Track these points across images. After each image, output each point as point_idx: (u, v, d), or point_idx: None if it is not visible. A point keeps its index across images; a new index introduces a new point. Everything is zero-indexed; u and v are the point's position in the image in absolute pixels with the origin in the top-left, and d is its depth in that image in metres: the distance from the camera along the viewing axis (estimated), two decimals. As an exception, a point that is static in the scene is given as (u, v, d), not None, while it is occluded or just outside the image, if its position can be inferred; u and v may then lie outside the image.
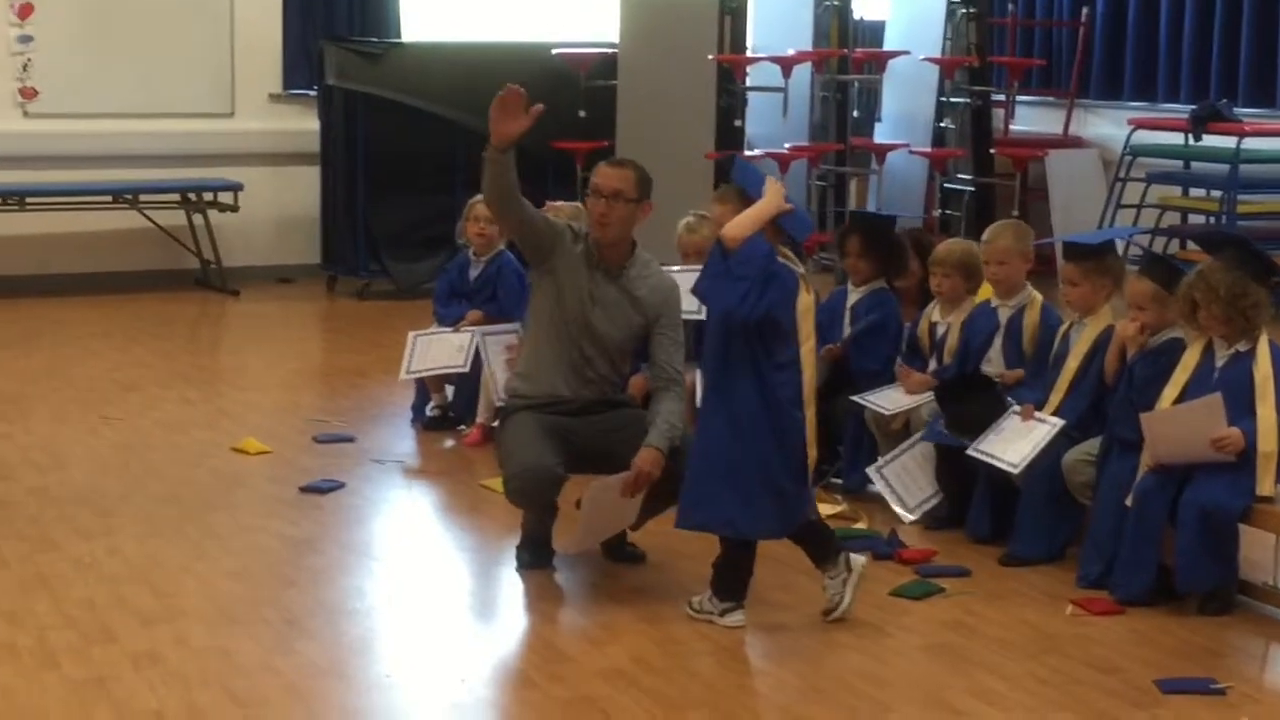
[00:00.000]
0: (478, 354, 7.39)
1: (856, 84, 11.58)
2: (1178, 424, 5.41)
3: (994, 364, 6.36)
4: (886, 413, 6.47)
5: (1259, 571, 5.51)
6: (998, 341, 6.36)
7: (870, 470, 6.48)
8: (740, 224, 5.11)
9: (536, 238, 5.69)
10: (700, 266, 6.95)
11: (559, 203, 7.46)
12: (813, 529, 5.31)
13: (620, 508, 5.51)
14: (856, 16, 11.88)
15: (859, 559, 5.28)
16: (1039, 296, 6.39)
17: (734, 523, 5.16)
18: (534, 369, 5.72)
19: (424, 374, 7.63)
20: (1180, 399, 5.48)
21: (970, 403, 6.15)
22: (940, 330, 6.60)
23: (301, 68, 11.82)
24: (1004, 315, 6.38)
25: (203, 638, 5.07)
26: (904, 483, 6.36)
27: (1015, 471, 5.85)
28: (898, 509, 6.30)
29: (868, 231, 6.93)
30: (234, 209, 11.28)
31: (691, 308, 6.71)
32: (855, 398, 6.55)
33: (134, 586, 5.51)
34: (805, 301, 5.25)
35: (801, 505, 5.24)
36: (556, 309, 5.67)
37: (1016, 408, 6.01)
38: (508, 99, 5.54)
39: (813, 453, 5.23)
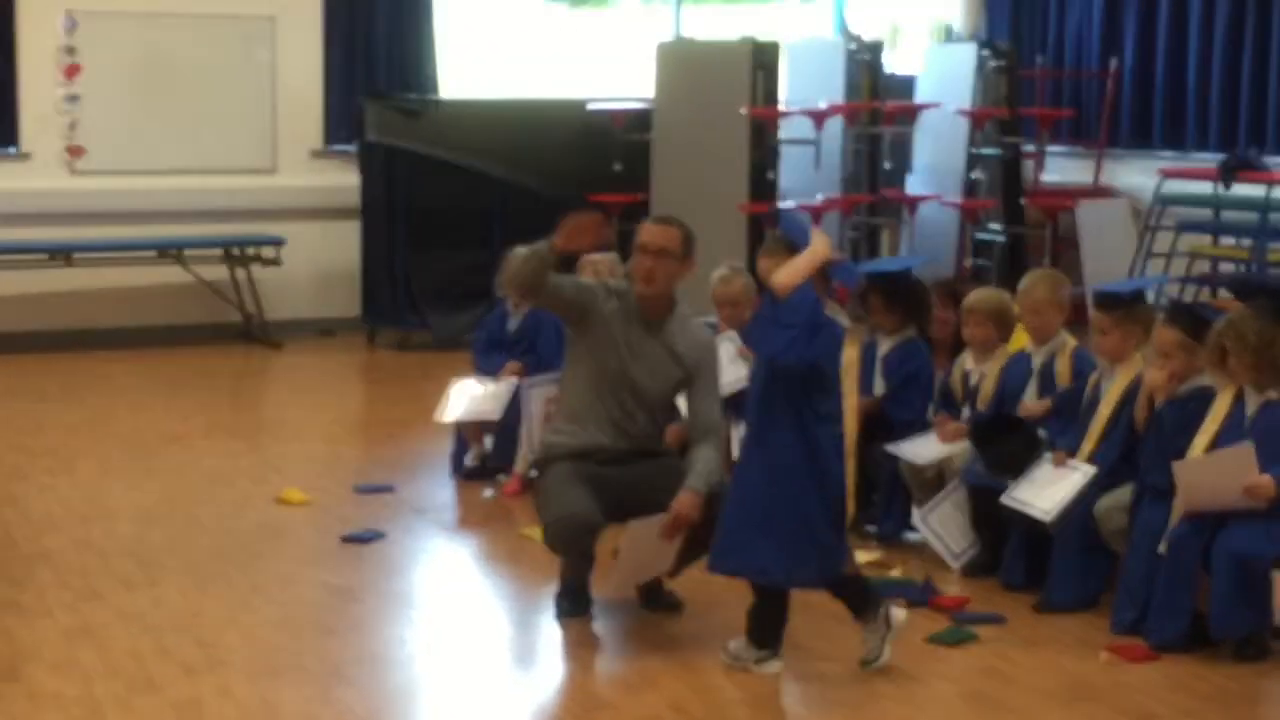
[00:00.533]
0: (515, 403, 7.48)
1: (888, 136, 11.66)
2: (1209, 472, 5.44)
3: (1026, 411, 6.40)
4: (921, 462, 6.52)
5: (1293, 618, 5.54)
6: (1031, 387, 6.41)
7: (915, 519, 6.52)
8: (790, 272, 5.12)
9: (568, 309, 5.79)
10: (733, 334, 7.08)
11: (595, 255, 7.54)
12: (853, 582, 5.32)
13: (659, 551, 5.57)
14: (888, 70, 11.96)
15: (899, 614, 5.30)
16: (1071, 341, 6.42)
17: (767, 570, 5.19)
18: (574, 422, 5.79)
19: (460, 419, 7.72)
20: (1212, 447, 5.52)
21: (1006, 443, 6.20)
22: (974, 379, 6.65)
23: (343, 124, 11.95)
24: (1037, 362, 6.42)
25: (245, 687, 5.13)
26: (948, 529, 6.39)
27: (1048, 520, 5.88)
28: (944, 556, 6.34)
29: (885, 288, 6.94)
30: (276, 263, 11.41)
31: (733, 376, 6.75)
32: (889, 447, 6.60)
33: (178, 637, 5.58)
34: (850, 356, 5.30)
35: (841, 557, 5.26)
36: (596, 365, 5.74)
37: (1049, 454, 6.06)
38: (588, 223, 5.64)
39: (851, 506, 5.26)
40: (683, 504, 5.48)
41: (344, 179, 11.75)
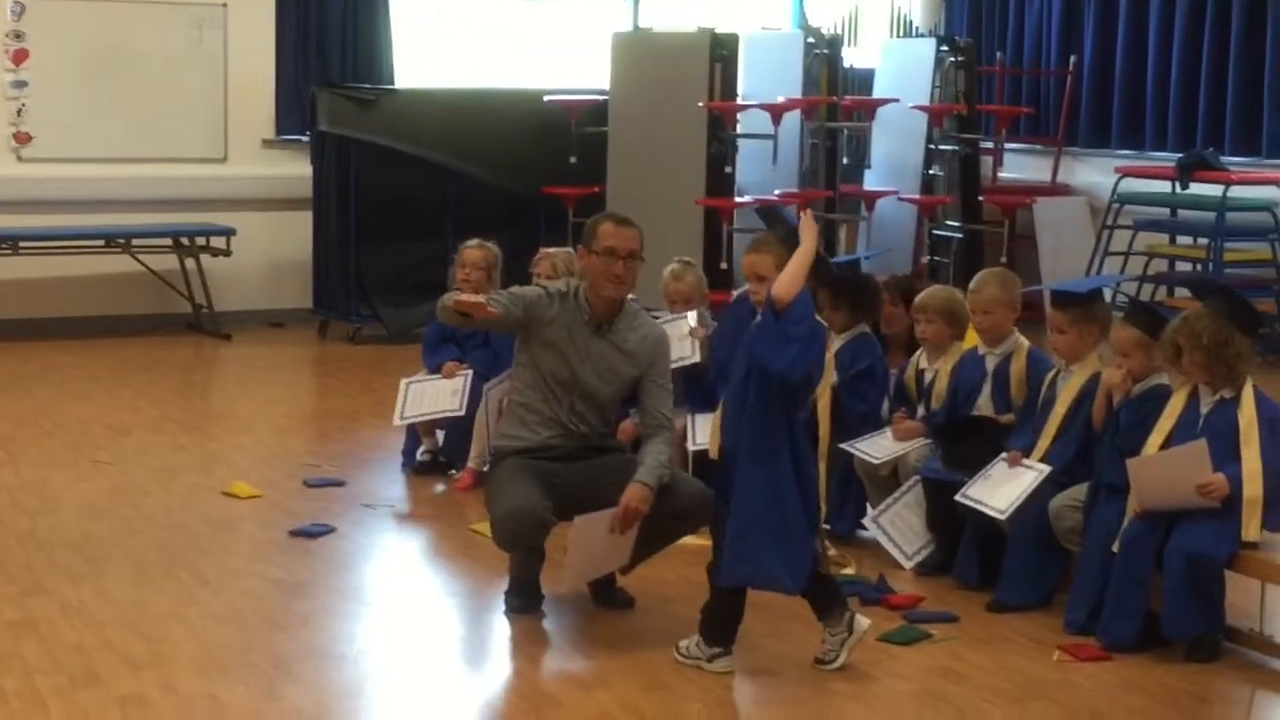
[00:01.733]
0: (472, 397, 7.42)
1: (846, 131, 11.64)
2: (1163, 469, 5.43)
3: (983, 411, 6.38)
4: (875, 461, 6.49)
5: (1245, 618, 5.53)
6: (986, 389, 6.39)
7: (866, 520, 6.51)
8: (788, 281, 4.99)
9: (511, 328, 5.75)
10: (686, 315, 7.04)
11: (552, 250, 7.51)
12: (823, 582, 5.27)
13: (610, 547, 5.53)
14: (846, 64, 11.94)
15: (864, 623, 5.27)
16: (1025, 343, 6.41)
17: (778, 579, 5.11)
18: (523, 425, 5.74)
19: (418, 419, 7.65)
20: (1166, 445, 5.51)
21: (966, 441, 6.18)
22: (928, 377, 6.63)
23: (294, 113, 11.87)
24: (991, 363, 6.41)
25: (190, 683, 5.07)
26: (900, 530, 6.38)
27: (1002, 518, 5.87)
28: (897, 556, 6.32)
29: (832, 283, 6.76)
30: (226, 254, 11.32)
31: (682, 353, 6.76)
32: (844, 445, 6.57)
33: (122, 631, 5.51)
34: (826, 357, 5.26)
35: (815, 558, 5.22)
36: (545, 371, 5.70)
37: (1004, 454, 6.04)
38: (467, 308, 5.61)
39: (822, 505, 5.20)
40: (631, 497, 5.44)
41: (296, 169, 11.67)
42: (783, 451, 5.07)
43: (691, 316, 7.09)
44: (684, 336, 6.93)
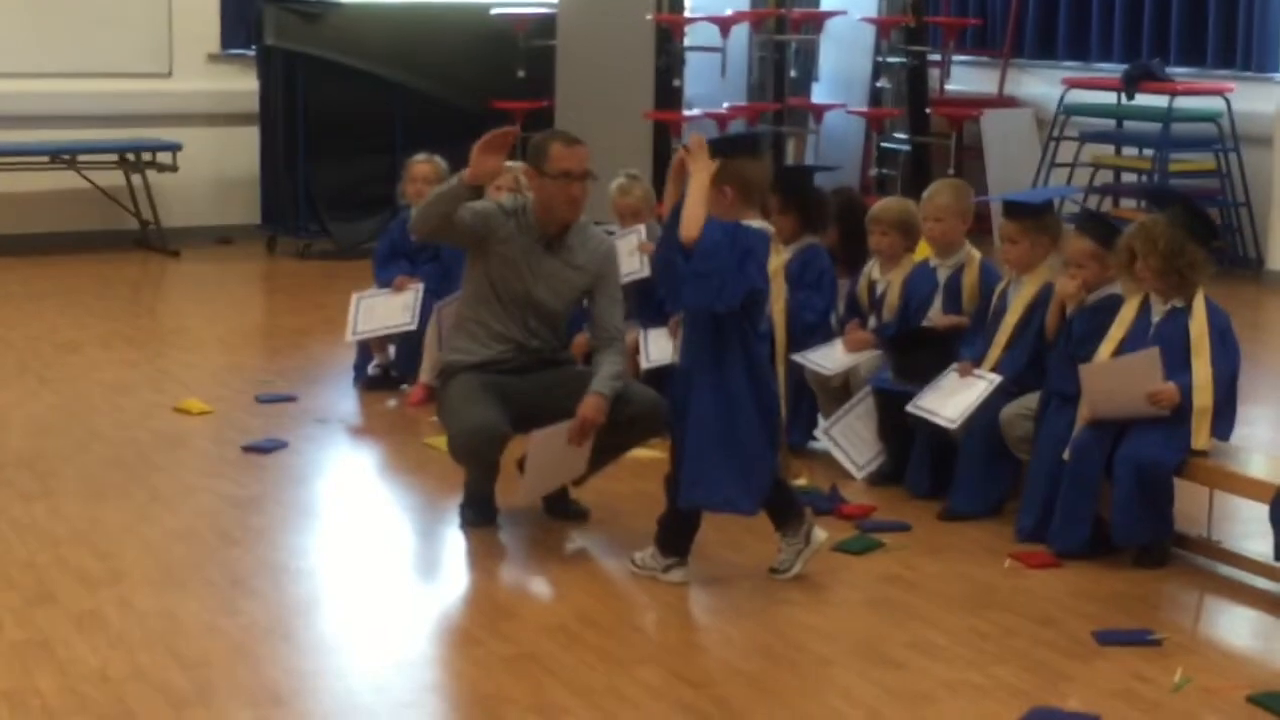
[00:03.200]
0: (423, 310, 7.40)
1: (794, 44, 11.60)
2: (1115, 376, 5.47)
3: (935, 323, 6.40)
4: (827, 372, 6.51)
5: (1193, 525, 5.60)
6: (937, 301, 6.40)
7: (818, 432, 6.54)
8: (689, 220, 4.98)
9: (466, 239, 5.70)
10: (635, 229, 7.03)
11: (511, 163, 7.46)
12: (781, 491, 5.29)
13: (567, 458, 5.55)
14: (794, -24, 11.88)
15: (820, 535, 5.29)
16: (977, 255, 6.43)
17: (733, 500, 5.14)
18: (474, 339, 5.72)
19: (371, 334, 7.63)
20: (1117, 353, 5.54)
21: (916, 352, 6.21)
22: (880, 288, 6.64)
23: (239, 28, 11.73)
24: (942, 275, 6.42)
25: (146, 599, 5.07)
26: (851, 441, 6.41)
27: (953, 427, 5.91)
28: (848, 467, 6.35)
29: (784, 187, 6.71)
30: (173, 169, 11.21)
31: (631, 268, 6.76)
32: (795, 356, 6.57)
33: (76, 548, 5.50)
34: (775, 262, 5.22)
35: (775, 470, 5.22)
36: (496, 287, 5.68)
37: (955, 364, 6.07)
38: (497, 140, 5.54)
39: (783, 417, 5.20)
40: (588, 407, 5.45)
41: (242, 84, 11.55)
42: (737, 367, 5.08)
43: (640, 230, 7.08)
44: (633, 251, 6.93)
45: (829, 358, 6.54)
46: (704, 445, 5.09)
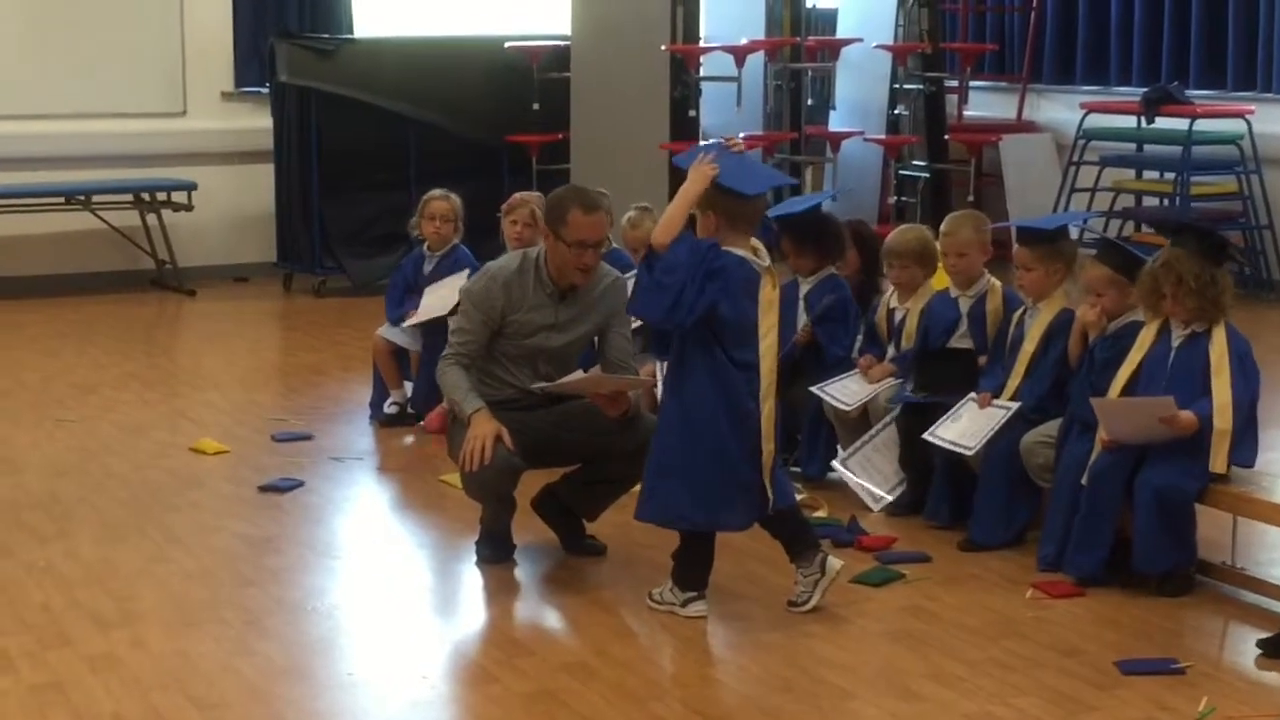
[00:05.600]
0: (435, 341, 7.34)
1: (810, 72, 11.60)
2: (1129, 413, 5.42)
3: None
4: (845, 407, 6.45)
5: (1217, 551, 5.54)
6: (962, 330, 6.34)
7: (835, 463, 6.49)
8: (661, 228, 5.04)
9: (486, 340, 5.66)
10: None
11: (523, 194, 7.47)
12: (789, 522, 5.26)
13: (604, 391, 5.53)
14: (809, 4, 11.91)
15: (835, 564, 5.25)
16: (998, 284, 6.38)
17: (686, 516, 5.15)
18: (489, 378, 5.66)
19: (429, 318, 7.46)
20: (1135, 377, 5.50)
21: (939, 365, 6.20)
22: (898, 316, 6.60)
23: (253, 65, 11.76)
24: (965, 305, 6.36)
25: (161, 640, 5.04)
26: (869, 472, 6.36)
27: (970, 453, 5.85)
28: (865, 499, 6.30)
29: (792, 229, 6.71)
30: (188, 208, 11.22)
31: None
32: (814, 389, 6.53)
33: (90, 590, 5.48)
34: (768, 296, 5.16)
35: (766, 498, 5.17)
36: (508, 346, 5.65)
37: (974, 395, 6.02)
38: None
39: (769, 446, 5.17)
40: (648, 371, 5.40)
41: (256, 121, 11.57)
42: (703, 389, 5.07)
43: None
44: None
45: (846, 391, 6.49)
46: (661, 463, 5.13)
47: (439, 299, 7.45)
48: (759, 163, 5.24)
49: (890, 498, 6.29)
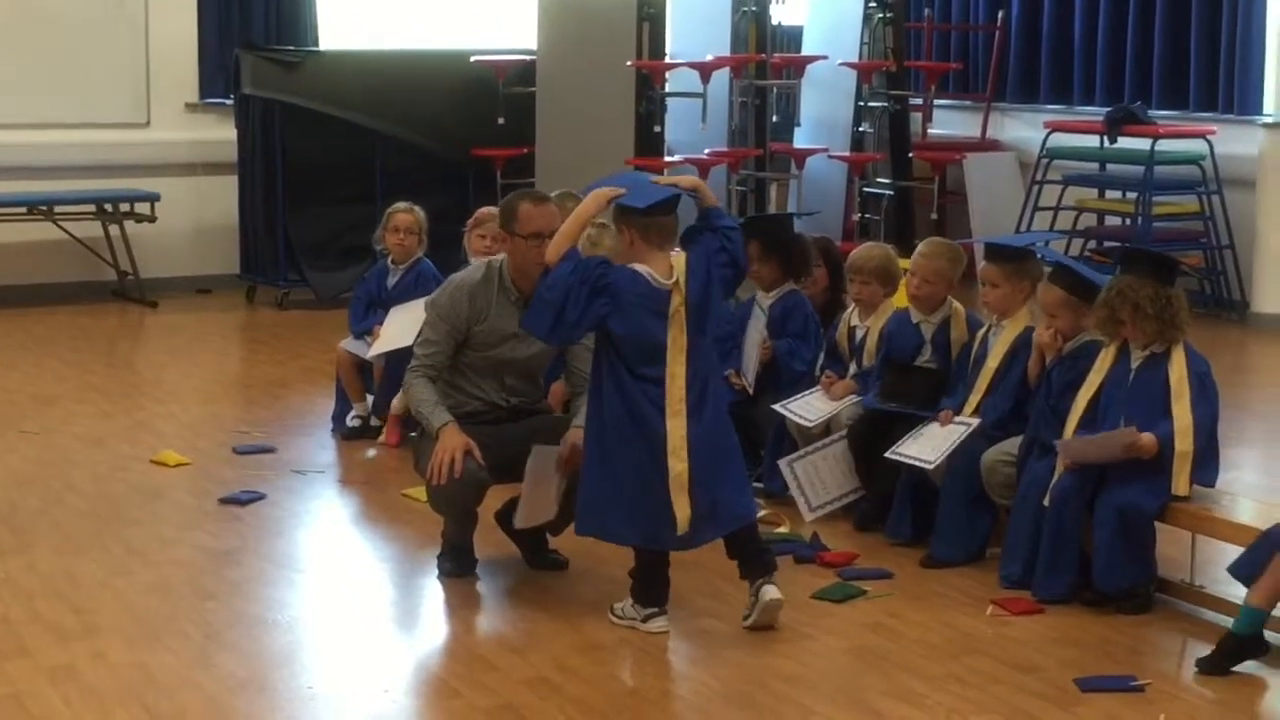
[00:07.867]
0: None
1: (775, 89, 11.61)
2: (1094, 451, 5.43)
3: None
4: (808, 424, 6.46)
5: (1176, 569, 5.57)
6: (926, 356, 6.35)
7: (780, 462, 6.43)
8: (554, 244, 5.17)
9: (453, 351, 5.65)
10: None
11: (490, 208, 7.44)
12: (745, 544, 5.25)
13: (549, 489, 5.49)
14: (774, 21, 11.91)
15: (770, 593, 5.16)
16: (960, 308, 6.38)
17: (620, 535, 5.23)
18: (455, 391, 5.66)
19: (391, 348, 7.37)
20: (1095, 399, 5.52)
21: (905, 379, 6.23)
22: (859, 334, 6.62)
23: (217, 77, 11.72)
24: (928, 331, 6.36)
25: (121, 653, 5.02)
26: (810, 480, 6.35)
27: (930, 467, 5.87)
28: (800, 505, 6.30)
29: (763, 235, 6.78)
30: (151, 219, 11.18)
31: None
32: (776, 406, 6.54)
33: (50, 602, 5.45)
34: (676, 311, 5.15)
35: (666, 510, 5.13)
36: (478, 357, 5.64)
37: (936, 413, 6.03)
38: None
39: (679, 466, 5.11)
40: (576, 436, 5.41)
41: (220, 133, 11.53)
42: (613, 403, 5.11)
43: None
44: None
45: (809, 408, 6.50)
46: (588, 479, 5.19)
47: (400, 328, 7.39)
48: (656, 184, 5.32)
49: (817, 515, 6.27)
